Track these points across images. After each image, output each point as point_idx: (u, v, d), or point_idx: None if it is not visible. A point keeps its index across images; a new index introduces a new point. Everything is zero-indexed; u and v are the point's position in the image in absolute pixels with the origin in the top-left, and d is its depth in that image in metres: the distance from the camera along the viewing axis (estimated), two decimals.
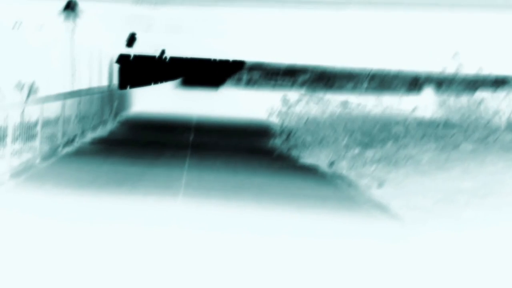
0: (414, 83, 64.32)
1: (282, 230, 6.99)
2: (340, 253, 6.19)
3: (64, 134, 13.62)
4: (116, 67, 50.73)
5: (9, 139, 9.88)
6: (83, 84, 30.02)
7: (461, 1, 15.11)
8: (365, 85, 71.90)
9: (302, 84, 74.96)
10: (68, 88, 20.01)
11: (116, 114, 20.97)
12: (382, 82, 70.52)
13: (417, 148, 12.64)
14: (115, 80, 49.78)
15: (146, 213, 7.51)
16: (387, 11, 20.37)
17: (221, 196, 8.74)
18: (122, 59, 54.00)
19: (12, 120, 10.21)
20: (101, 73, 39.99)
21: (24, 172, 9.94)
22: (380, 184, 9.87)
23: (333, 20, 24.48)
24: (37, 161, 10.98)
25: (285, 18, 24.61)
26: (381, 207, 8.40)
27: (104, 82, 41.93)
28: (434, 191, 8.83)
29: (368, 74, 72.21)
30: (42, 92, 19.80)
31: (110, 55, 44.10)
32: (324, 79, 78.15)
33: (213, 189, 9.24)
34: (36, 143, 11.84)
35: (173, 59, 62.77)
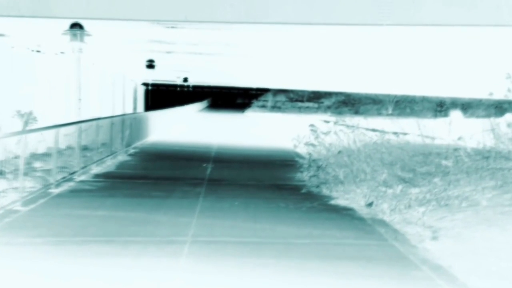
0: (441, 106, 62.18)
1: None
2: None
3: (60, 169, 11.94)
4: (141, 92, 49.46)
5: None
6: (106, 111, 28.58)
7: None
8: (391, 108, 69.74)
9: (327, 108, 73.39)
10: (77, 116, 18.48)
11: (128, 144, 19.25)
12: (408, 105, 68.47)
13: (471, 186, 10.64)
14: (140, 105, 48.53)
15: (134, 283, 5.69)
16: (416, 33, 18.66)
17: (236, 254, 6.89)
18: (147, 85, 52.97)
19: None
20: (124, 99, 38.67)
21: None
22: (435, 236, 7.95)
23: (361, 45, 22.83)
24: (20, 204, 9.27)
25: (310, 43, 23.04)
26: (443, 272, 6.46)
27: (129, 108, 40.61)
28: (508, 248, 6.88)
29: (394, 98, 70.15)
30: (50, 121, 18.23)
31: (134, 81, 42.86)
32: (349, 103, 76.45)
33: (227, 245, 7.38)
34: (24, 182, 10.20)
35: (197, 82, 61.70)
